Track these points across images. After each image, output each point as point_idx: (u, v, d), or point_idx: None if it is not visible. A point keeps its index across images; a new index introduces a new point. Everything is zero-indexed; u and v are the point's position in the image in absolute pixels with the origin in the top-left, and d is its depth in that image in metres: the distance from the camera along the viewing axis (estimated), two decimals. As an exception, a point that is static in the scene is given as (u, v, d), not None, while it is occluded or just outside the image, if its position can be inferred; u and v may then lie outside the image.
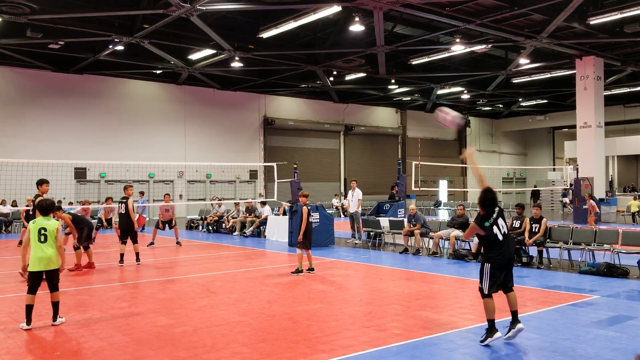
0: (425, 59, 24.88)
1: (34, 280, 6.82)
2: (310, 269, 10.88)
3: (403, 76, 28.28)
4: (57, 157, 23.28)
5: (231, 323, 7.02)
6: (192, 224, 22.83)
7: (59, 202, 18.49)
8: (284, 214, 17.62)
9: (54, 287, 6.94)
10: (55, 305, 6.98)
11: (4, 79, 24.88)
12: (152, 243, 16.13)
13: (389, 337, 6.26)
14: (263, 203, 20.28)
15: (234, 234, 19.60)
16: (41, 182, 10.02)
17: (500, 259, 6.05)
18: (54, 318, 6.97)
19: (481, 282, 6.11)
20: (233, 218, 20.25)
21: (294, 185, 16.25)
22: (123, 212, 12.51)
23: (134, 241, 12.37)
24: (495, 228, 6.05)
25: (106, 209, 19.16)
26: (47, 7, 17.81)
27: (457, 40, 21.05)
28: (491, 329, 6.00)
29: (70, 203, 23.54)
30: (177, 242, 16.33)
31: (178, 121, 29.63)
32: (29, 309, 6.78)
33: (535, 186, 38.03)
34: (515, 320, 6.07)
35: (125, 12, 18.74)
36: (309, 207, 10.88)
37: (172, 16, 17.79)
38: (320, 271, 11.09)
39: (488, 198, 6.12)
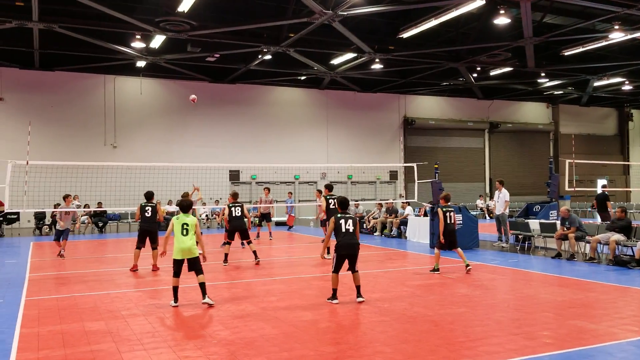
0: (580, 49, 23.03)
1: (176, 266, 8.03)
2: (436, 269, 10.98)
3: (554, 68, 26.49)
4: (213, 161, 25.36)
5: (373, 322, 7.14)
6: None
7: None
8: (425, 215, 17.43)
9: (198, 272, 8.03)
10: (202, 286, 8.03)
11: (169, 91, 27.61)
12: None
13: (539, 346, 5.95)
14: (407, 203, 20.23)
15: (375, 234, 19.79)
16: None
17: (339, 249, 8.23)
18: (203, 297, 8.00)
19: (332, 264, 8.35)
20: (374, 218, 20.47)
21: (434, 186, 15.99)
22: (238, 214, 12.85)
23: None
24: (342, 221, 8.29)
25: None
26: (204, 23, 19.45)
27: (616, 27, 19.24)
28: (334, 296, 8.30)
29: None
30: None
31: (321, 124, 30.65)
32: (175, 289, 8.07)
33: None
34: (358, 294, 8.36)
35: (272, 23, 19.83)
36: (444, 209, 10.97)
37: (315, 23, 18.47)
38: (464, 274, 10.82)
39: (343, 202, 8.73)
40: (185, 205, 8.35)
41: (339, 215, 8.42)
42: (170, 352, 5.90)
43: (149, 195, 12.03)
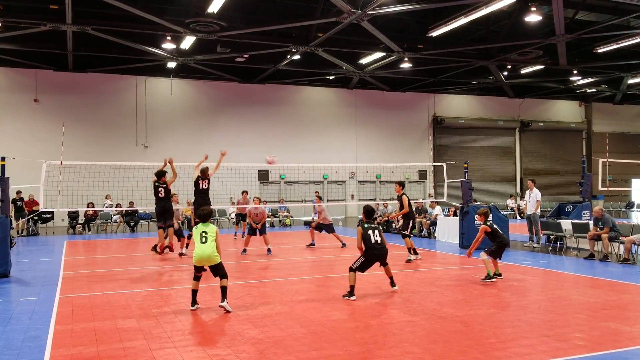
0: (613, 46, 22.47)
1: (196, 271, 7.84)
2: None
3: (587, 66, 25.95)
4: (243, 161, 25.55)
5: (402, 322, 7.10)
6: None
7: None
8: (455, 214, 17.24)
9: (222, 276, 7.77)
10: (223, 290, 7.79)
11: (199, 91, 27.94)
12: (312, 244, 16.14)
13: (571, 348, 5.84)
14: (435, 203, 20.05)
15: (404, 234, 19.61)
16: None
17: (371, 257, 8.51)
18: (222, 299, 7.76)
19: (354, 263, 8.54)
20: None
21: (464, 186, 15.82)
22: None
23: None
24: (370, 232, 8.48)
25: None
26: (234, 24, 19.62)
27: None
28: (352, 292, 8.45)
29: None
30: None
31: (349, 124, 30.62)
32: (194, 293, 7.92)
33: None
34: (392, 283, 8.97)
35: (301, 23, 19.87)
36: (488, 223, 10.36)
37: (344, 23, 18.45)
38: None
39: (370, 211, 8.84)
40: (203, 214, 7.98)
41: (365, 225, 8.56)
42: (200, 350, 5.97)
43: (160, 174, 12.22)
